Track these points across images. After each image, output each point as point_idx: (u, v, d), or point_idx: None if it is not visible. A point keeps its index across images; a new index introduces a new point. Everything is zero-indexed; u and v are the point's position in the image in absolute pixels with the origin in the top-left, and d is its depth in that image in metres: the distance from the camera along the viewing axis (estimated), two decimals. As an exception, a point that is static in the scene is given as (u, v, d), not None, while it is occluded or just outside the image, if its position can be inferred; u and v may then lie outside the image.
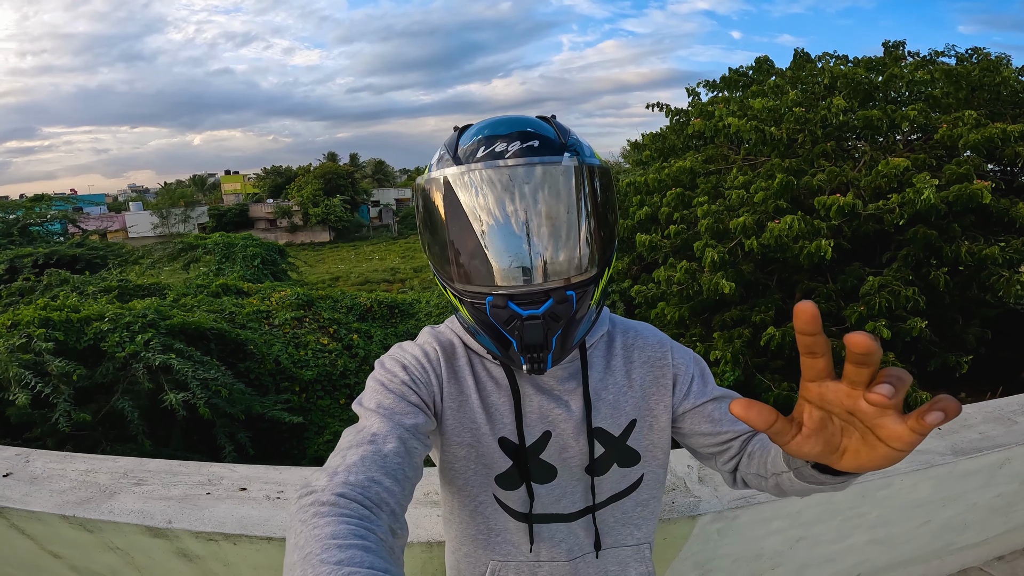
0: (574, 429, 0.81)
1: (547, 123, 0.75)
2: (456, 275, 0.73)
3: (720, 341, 5.98)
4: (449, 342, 0.84)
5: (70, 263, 7.13)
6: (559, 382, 0.82)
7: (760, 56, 8.05)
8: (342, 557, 0.47)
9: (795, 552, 1.60)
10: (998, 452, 1.63)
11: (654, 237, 6.50)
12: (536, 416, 0.81)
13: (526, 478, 0.81)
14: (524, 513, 0.83)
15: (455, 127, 0.79)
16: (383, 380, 0.76)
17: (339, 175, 37.43)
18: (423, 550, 1.20)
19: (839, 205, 5.01)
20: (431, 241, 0.76)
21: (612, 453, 0.83)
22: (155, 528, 1.20)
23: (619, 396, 0.84)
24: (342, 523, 0.52)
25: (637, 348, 0.87)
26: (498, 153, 0.69)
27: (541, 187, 0.69)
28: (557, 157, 0.69)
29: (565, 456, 0.82)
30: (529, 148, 0.69)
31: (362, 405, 0.74)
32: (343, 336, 6.63)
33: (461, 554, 0.88)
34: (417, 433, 0.70)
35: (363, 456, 0.63)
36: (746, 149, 6.82)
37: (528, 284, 0.70)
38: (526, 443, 0.80)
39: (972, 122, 5.37)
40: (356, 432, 0.68)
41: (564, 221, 0.70)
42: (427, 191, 0.74)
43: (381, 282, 19.24)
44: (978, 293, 5.97)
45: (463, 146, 0.72)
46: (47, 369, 3.85)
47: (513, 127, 0.72)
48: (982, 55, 6.90)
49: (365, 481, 0.60)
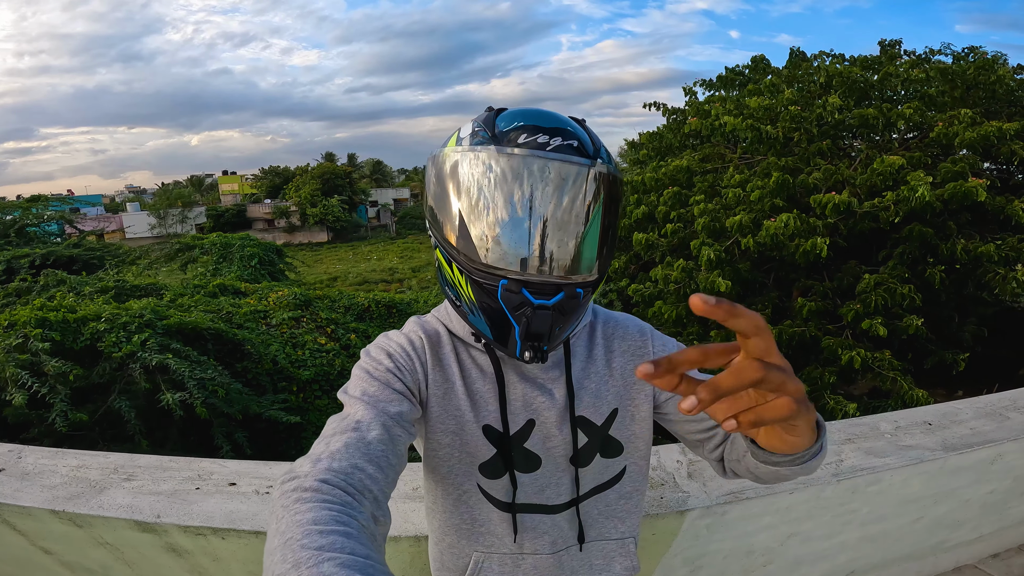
0: (557, 417, 0.82)
1: (581, 126, 0.77)
2: (472, 252, 0.73)
3: (717, 339, 5.99)
4: (435, 330, 0.84)
5: (67, 264, 7.13)
6: (543, 370, 0.82)
7: (756, 55, 8.07)
8: (323, 543, 0.47)
9: (786, 549, 1.60)
10: (989, 448, 1.62)
11: (651, 236, 6.52)
12: (520, 404, 0.81)
13: (510, 466, 0.81)
14: (507, 503, 0.83)
15: (489, 108, 0.79)
16: (368, 368, 0.76)
17: (337, 175, 37.43)
18: (411, 544, 1.20)
19: (835, 203, 5.02)
20: (447, 213, 0.75)
21: (595, 443, 0.84)
22: (144, 523, 1.20)
23: (601, 385, 0.84)
24: (324, 509, 0.52)
25: (618, 338, 0.88)
26: (540, 144, 0.70)
27: (576, 186, 0.71)
28: (592, 161, 0.72)
29: (549, 445, 0.82)
30: (570, 147, 0.71)
31: (347, 393, 0.74)
32: (341, 336, 6.63)
33: (444, 545, 0.88)
34: (401, 421, 0.71)
35: (347, 443, 0.63)
36: (742, 148, 6.83)
37: (545, 275, 0.71)
38: (510, 431, 0.81)
39: (967, 120, 5.39)
40: (340, 420, 0.69)
41: (588, 222, 0.72)
42: (456, 164, 0.74)
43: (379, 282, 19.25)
44: (974, 291, 5.98)
45: (502, 128, 0.73)
46: (44, 369, 3.85)
47: (555, 123, 0.73)
48: (978, 54, 6.91)
49: (348, 468, 0.60)
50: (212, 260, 9.26)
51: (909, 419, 1.78)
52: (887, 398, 5.39)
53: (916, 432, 1.69)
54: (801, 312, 5.61)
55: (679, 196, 6.52)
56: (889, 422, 1.76)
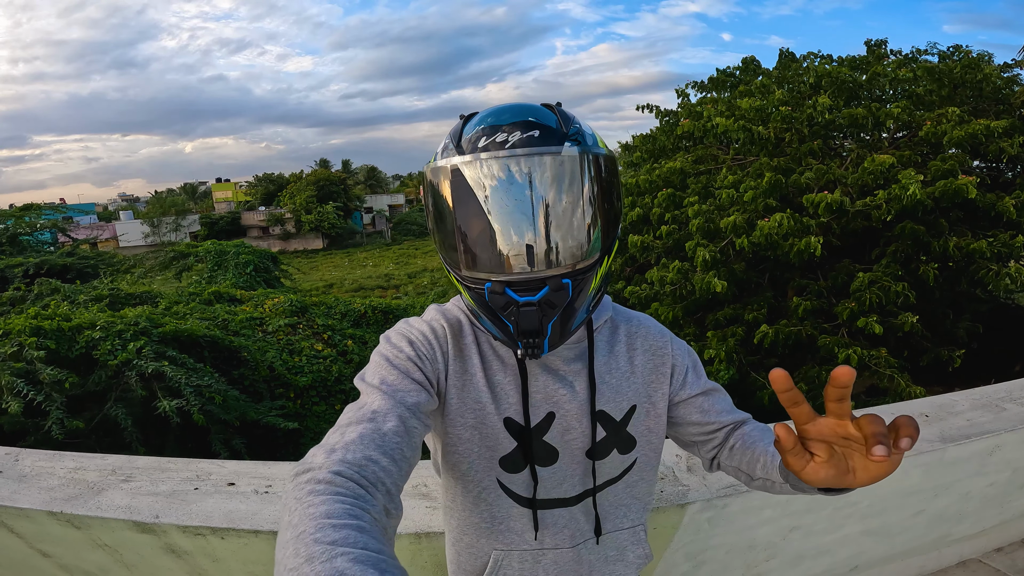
0: (578, 411, 0.81)
1: (551, 111, 0.74)
2: (457, 261, 0.74)
3: (714, 340, 6.01)
4: (456, 319, 0.83)
5: (61, 272, 7.09)
6: (565, 362, 0.82)
7: (747, 56, 8.14)
8: (336, 537, 0.47)
9: (788, 543, 1.60)
10: (987, 439, 1.62)
11: (646, 238, 6.54)
12: (541, 396, 0.80)
13: (530, 460, 0.80)
14: (528, 498, 0.82)
15: (460, 115, 0.78)
16: (388, 355, 0.75)
17: (332, 182, 37.40)
18: (411, 541, 1.20)
19: (827, 202, 5.06)
20: (436, 228, 0.76)
21: (612, 438, 0.83)
22: (142, 523, 1.19)
23: (621, 381, 0.84)
24: (337, 502, 0.52)
25: (640, 336, 0.88)
26: (499, 143, 0.69)
27: (540, 177, 0.69)
28: (557, 147, 0.69)
29: (567, 438, 0.82)
30: (530, 138, 0.69)
31: (364, 380, 0.73)
32: (337, 342, 6.61)
33: (463, 545, 0.87)
34: (418, 412, 0.70)
35: (362, 434, 0.63)
36: (735, 149, 6.88)
37: (525, 272, 0.70)
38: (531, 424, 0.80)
39: (955, 119, 5.45)
40: (357, 409, 0.68)
41: (562, 210, 0.70)
42: (432, 180, 0.74)
43: (375, 288, 19.22)
44: (968, 288, 6.03)
45: (467, 135, 0.73)
46: (39, 377, 3.83)
47: (516, 116, 0.72)
48: (963, 52, 6.99)
49: (362, 460, 0.60)
50: (207, 268, 9.23)
51: (906, 411, 1.79)
52: (884, 395, 5.42)
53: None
54: (797, 311, 5.64)
55: (673, 198, 6.55)
56: (885, 415, 1.76)
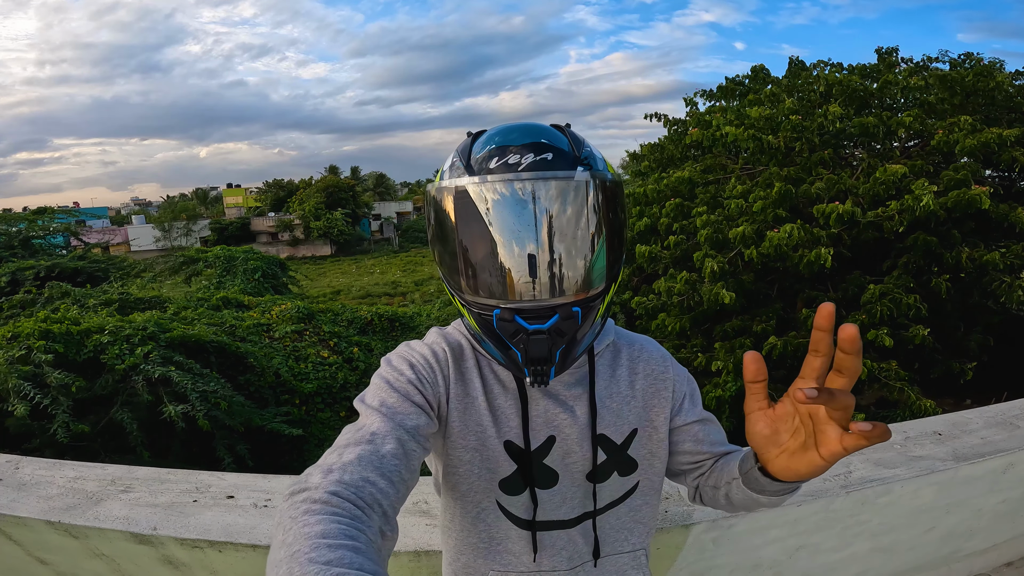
0: (578, 435, 0.80)
1: (561, 133, 0.73)
2: (464, 286, 0.72)
3: (721, 351, 5.95)
4: (457, 343, 0.83)
5: (72, 276, 7.16)
6: (566, 387, 0.81)
7: (756, 65, 8.12)
8: (331, 557, 0.47)
9: (795, 562, 1.57)
10: (1001, 457, 1.60)
11: (654, 248, 6.51)
12: (541, 420, 0.80)
13: (530, 483, 0.80)
14: (527, 520, 0.82)
15: (468, 132, 0.77)
16: (389, 378, 0.75)
17: (341, 188, 37.64)
18: (411, 559, 1.18)
19: (838, 213, 5.01)
20: (441, 250, 0.75)
21: (613, 461, 0.83)
22: (141, 535, 1.19)
23: (622, 405, 0.83)
24: (333, 522, 0.52)
25: (642, 360, 0.87)
26: (511, 165, 0.67)
27: (553, 202, 0.68)
28: (571, 172, 0.68)
29: (568, 462, 0.81)
30: (543, 161, 0.68)
31: (364, 402, 0.72)
32: (344, 349, 6.62)
33: (459, 564, 0.86)
34: (417, 435, 0.69)
35: (360, 455, 0.62)
36: (744, 158, 6.84)
37: (535, 300, 0.69)
38: (531, 447, 0.79)
39: (968, 128, 5.39)
40: (355, 430, 0.67)
41: (575, 237, 0.69)
42: (438, 200, 0.72)
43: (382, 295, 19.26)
44: (980, 299, 5.93)
45: (476, 155, 0.71)
46: (46, 381, 3.86)
47: (527, 137, 0.70)
48: (975, 60, 6.93)
49: (359, 481, 0.59)
50: (216, 273, 9.31)
51: (918, 429, 1.77)
52: (895, 408, 5.34)
53: (926, 442, 1.67)
54: (806, 323, 5.58)
55: (681, 208, 6.52)
56: (898, 432, 1.74)
